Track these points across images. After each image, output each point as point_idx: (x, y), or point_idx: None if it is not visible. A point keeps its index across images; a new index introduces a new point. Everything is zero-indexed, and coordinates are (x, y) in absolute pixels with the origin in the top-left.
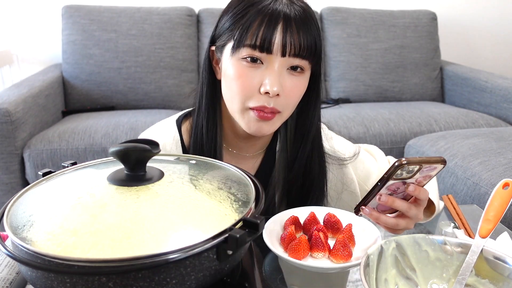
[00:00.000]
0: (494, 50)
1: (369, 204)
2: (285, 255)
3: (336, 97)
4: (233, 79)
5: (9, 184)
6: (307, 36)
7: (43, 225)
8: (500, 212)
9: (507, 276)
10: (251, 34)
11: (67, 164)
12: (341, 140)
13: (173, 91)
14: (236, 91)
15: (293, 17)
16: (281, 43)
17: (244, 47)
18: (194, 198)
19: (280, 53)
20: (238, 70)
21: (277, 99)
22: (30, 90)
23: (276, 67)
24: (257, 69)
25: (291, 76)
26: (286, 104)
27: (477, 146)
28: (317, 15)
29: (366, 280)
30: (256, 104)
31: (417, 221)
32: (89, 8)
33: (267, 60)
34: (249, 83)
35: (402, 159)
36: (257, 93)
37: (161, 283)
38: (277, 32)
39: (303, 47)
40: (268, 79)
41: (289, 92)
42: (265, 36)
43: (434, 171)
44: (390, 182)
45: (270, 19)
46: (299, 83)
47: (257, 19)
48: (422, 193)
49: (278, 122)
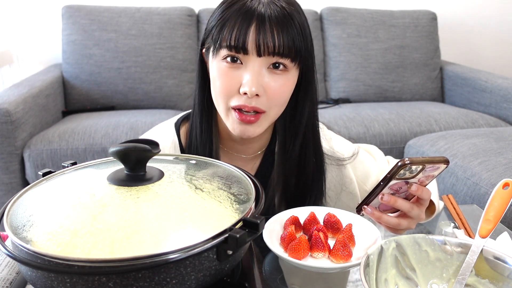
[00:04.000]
0: (494, 50)
1: (371, 203)
2: (285, 255)
3: (336, 97)
4: (216, 79)
5: (9, 184)
6: (282, 35)
7: (43, 225)
8: (500, 212)
9: (507, 276)
10: (226, 35)
11: (67, 164)
12: (340, 140)
13: (173, 91)
14: (218, 91)
15: (268, 16)
16: (255, 43)
17: (222, 48)
18: (194, 198)
19: (256, 53)
20: (219, 71)
21: (258, 99)
22: (30, 90)
23: (254, 67)
24: (237, 69)
25: (273, 75)
26: (269, 103)
27: (477, 146)
28: (317, 15)
29: (366, 280)
30: (236, 103)
31: (419, 221)
32: (89, 8)
33: (245, 60)
34: (229, 83)
35: (406, 159)
36: (237, 93)
37: (161, 283)
38: (250, 32)
39: (279, 46)
40: (246, 79)
41: (272, 91)
42: (239, 36)
43: (437, 171)
44: (392, 181)
45: (244, 18)
46: (282, 82)
47: (232, 20)
48: (425, 193)
49: (265, 123)
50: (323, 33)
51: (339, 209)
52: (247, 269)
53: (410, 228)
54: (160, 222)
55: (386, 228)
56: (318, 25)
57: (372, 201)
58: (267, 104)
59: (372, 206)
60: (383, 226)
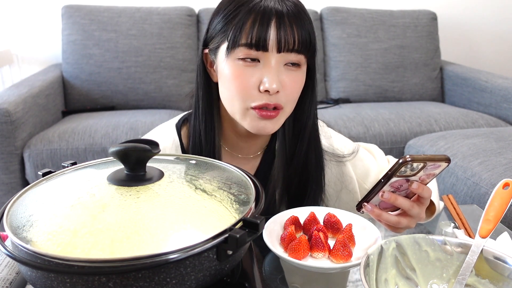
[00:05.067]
0: (494, 50)
1: (372, 201)
2: (285, 255)
3: (336, 97)
4: (231, 80)
5: (9, 184)
6: (301, 31)
7: (43, 225)
8: (500, 212)
9: (507, 276)
10: (245, 34)
11: (67, 164)
12: (340, 138)
13: (173, 91)
14: (235, 91)
15: (286, 12)
16: (276, 40)
17: (239, 47)
18: (194, 198)
19: (276, 50)
20: (235, 71)
21: (277, 95)
22: (30, 90)
23: (273, 64)
24: (254, 67)
25: (289, 71)
26: (286, 99)
27: (477, 146)
28: (317, 15)
29: (366, 280)
30: (258, 103)
31: (419, 220)
32: (89, 8)
33: (264, 57)
34: (248, 83)
35: (407, 156)
36: (256, 92)
37: (161, 283)
38: (271, 29)
39: (297, 41)
40: (266, 77)
41: (288, 88)
42: (260, 34)
43: (438, 169)
44: (393, 179)
45: (263, 16)
46: (297, 78)
47: (250, 18)
48: (426, 191)
49: (282, 119)
50: (323, 33)
51: (339, 208)
52: (247, 269)
53: (410, 227)
54: (160, 222)
55: (386, 226)
56: (318, 25)
57: (373, 199)
58: (285, 100)
59: (372, 203)
60: (383, 224)
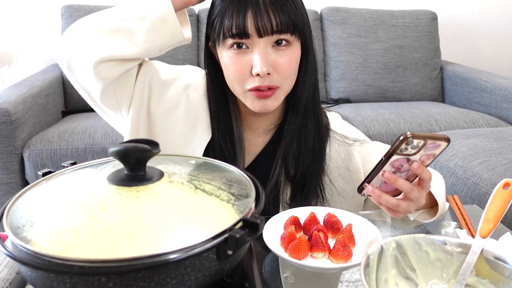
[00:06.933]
0: (494, 50)
1: (373, 182)
2: (285, 255)
3: (336, 97)
4: (228, 67)
5: (9, 184)
6: (278, 14)
7: (43, 225)
8: (500, 212)
9: (507, 276)
10: (227, 25)
11: (67, 164)
12: (353, 129)
13: None
14: (232, 77)
15: (261, 1)
16: (255, 26)
17: (226, 38)
18: (194, 198)
19: (257, 35)
20: (229, 59)
21: (270, 77)
22: (30, 90)
23: (259, 48)
24: (244, 54)
25: (279, 51)
26: (281, 78)
27: (477, 146)
28: (317, 15)
29: (366, 280)
30: (252, 85)
31: (418, 205)
32: (89, 8)
33: (250, 43)
34: (241, 68)
35: (408, 132)
36: (249, 75)
37: (161, 283)
38: (248, 17)
39: (276, 24)
40: (255, 61)
41: (281, 67)
42: (238, 23)
43: (438, 149)
44: (394, 157)
45: (239, 7)
46: (288, 56)
47: (229, 10)
48: (425, 172)
49: (281, 95)
50: (323, 33)
51: (339, 209)
52: (247, 269)
53: (409, 212)
54: (160, 222)
55: (385, 209)
56: (318, 25)
57: (374, 179)
58: (279, 79)
59: (373, 185)
60: (383, 208)
